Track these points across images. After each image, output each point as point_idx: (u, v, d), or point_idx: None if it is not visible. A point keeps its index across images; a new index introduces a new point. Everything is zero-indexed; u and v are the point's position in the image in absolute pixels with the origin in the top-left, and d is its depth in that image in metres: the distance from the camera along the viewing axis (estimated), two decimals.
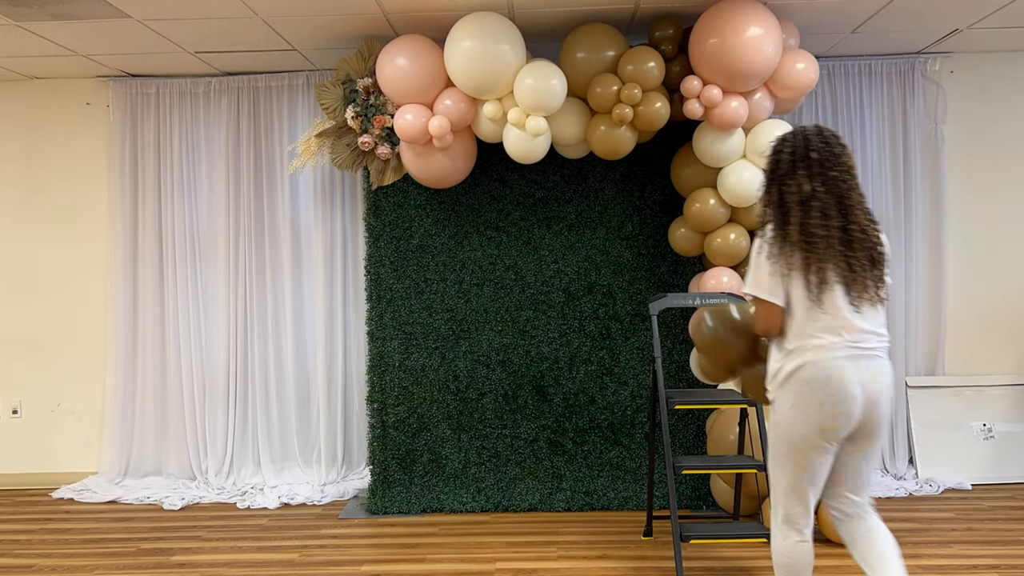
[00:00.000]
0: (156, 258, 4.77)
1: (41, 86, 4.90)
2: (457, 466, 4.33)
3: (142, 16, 3.82)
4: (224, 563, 3.59)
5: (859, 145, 4.64)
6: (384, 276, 4.34)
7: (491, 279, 4.33)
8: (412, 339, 4.34)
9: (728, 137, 3.80)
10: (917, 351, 4.68)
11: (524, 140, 3.78)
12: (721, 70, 3.64)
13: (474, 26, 3.66)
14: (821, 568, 3.36)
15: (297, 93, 4.73)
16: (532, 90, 3.66)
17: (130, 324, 4.78)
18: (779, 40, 3.65)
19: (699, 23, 3.71)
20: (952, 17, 4.06)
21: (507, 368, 4.33)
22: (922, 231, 4.68)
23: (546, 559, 3.54)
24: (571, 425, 4.31)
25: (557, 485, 4.29)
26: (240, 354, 4.73)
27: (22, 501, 4.64)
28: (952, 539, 3.68)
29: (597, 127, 3.81)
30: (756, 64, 3.60)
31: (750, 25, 3.56)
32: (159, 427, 4.79)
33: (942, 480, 4.48)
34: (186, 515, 4.32)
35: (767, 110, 3.85)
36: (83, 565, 3.60)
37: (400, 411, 4.34)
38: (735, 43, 3.56)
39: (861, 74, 4.65)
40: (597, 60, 3.76)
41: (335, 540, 3.88)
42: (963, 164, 4.72)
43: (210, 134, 4.79)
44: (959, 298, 4.70)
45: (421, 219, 4.34)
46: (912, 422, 4.63)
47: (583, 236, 4.32)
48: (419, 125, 3.81)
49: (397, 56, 3.81)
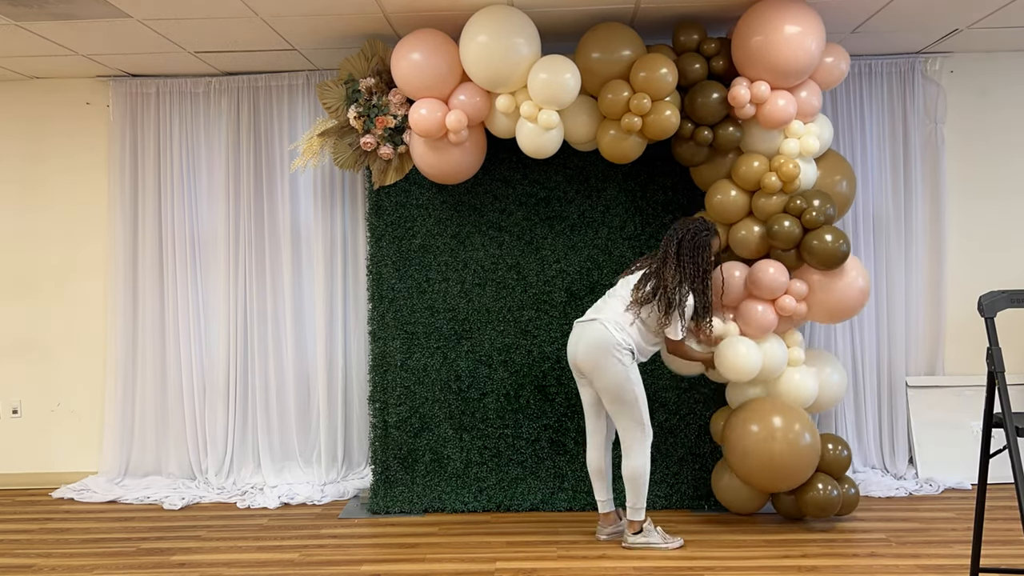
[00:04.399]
0: (156, 258, 4.77)
1: (41, 86, 4.89)
2: (459, 466, 4.33)
3: (142, 16, 3.81)
4: (224, 563, 3.59)
5: (859, 145, 4.65)
6: (386, 276, 4.34)
7: (493, 279, 4.33)
8: (414, 339, 4.34)
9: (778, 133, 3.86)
10: (917, 351, 4.69)
11: (537, 134, 3.80)
12: (766, 67, 3.70)
13: (489, 20, 3.69)
14: (821, 568, 3.37)
15: (297, 93, 4.73)
16: (545, 84, 3.68)
17: (130, 324, 4.78)
18: (822, 35, 3.71)
19: (741, 21, 3.78)
20: (952, 17, 4.07)
21: (509, 368, 4.33)
22: (922, 231, 4.69)
23: (546, 559, 3.54)
24: (573, 425, 4.31)
25: (559, 485, 4.29)
26: (240, 354, 4.72)
27: (22, 501, 4.64)
28: (952, 539, 3.69)
29: (607, 131, 3.83)
30: (800, 60, 3.67)
31: (792, 22, 3.65)
32: (159, 427, 4.79)
33: (942, 480, 4.48)
34: (186, 515, 4.32)
35: (815, 107, 3.89)
36: (83, 565, 3.60)
37: (402, 411, 4.34)
38: (778, 40, 3.64)
39: (861, 74, 4.65)
40: (612, 60, 3.77)
41: (335, 540, 3.88)
42: (963, 164, 4.72)
43: (210, 134, 4.78)
44: (959, 298, 4.70)
45: (423, 219, 4.34)
46: (912, 422, 4.63)
47: (585, 236, 4.32)
48: (435, 120, 3.82)
49: (412, 51, 3.82)
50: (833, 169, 3.98)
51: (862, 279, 3.82)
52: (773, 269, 3.79)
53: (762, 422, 3.75)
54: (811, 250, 3.73)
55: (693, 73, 3.84)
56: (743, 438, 3.78)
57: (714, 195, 3.93)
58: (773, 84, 3.77)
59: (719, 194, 3.91)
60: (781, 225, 3.74)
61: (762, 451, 3.71)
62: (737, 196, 3.89)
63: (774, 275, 3.78)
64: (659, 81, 3.68)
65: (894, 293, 4.64)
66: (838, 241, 3.70)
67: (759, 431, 3.73)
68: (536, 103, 3.77)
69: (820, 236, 3.72)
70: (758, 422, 3.76)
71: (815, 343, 4.62)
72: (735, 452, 3.82)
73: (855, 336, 4.65)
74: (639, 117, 3.72)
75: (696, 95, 3.81)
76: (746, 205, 3.91)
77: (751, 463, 3.76)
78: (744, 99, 3.74)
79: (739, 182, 3.88)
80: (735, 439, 3.82)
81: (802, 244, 3.77)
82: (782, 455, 3.69)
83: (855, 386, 4.65)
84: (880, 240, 4.66)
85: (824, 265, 3.74)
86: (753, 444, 3.73)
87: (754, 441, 3.73)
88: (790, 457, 3.69)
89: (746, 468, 3.79)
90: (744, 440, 3.77)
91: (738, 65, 3.83)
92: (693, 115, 3.84)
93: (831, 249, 3.70)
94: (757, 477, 3.79)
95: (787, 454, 3.69)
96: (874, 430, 4.66)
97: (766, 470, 3.73)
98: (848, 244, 3.73)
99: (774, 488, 3.83)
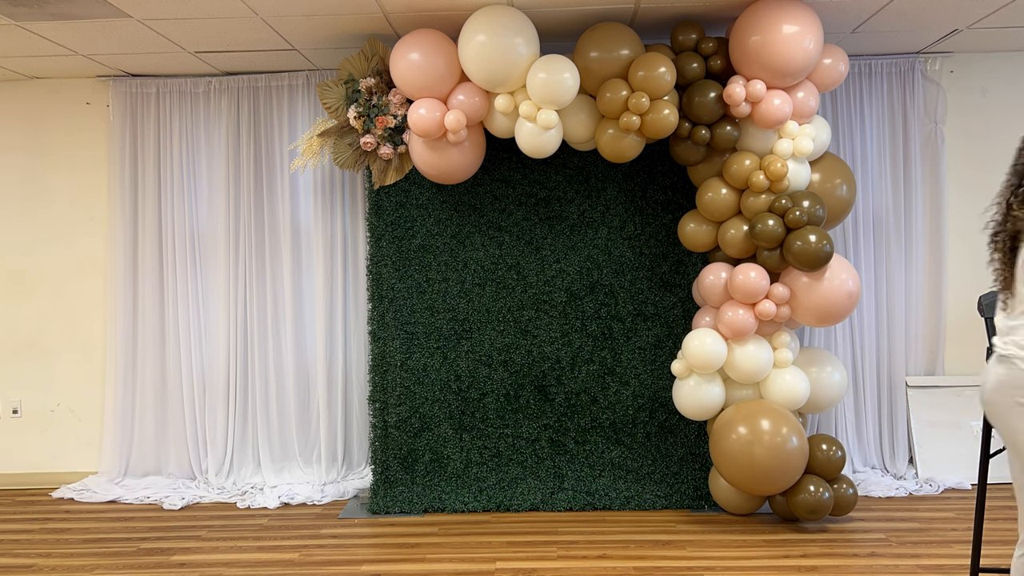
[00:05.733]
0: (156, 258, 4.77)
1: (41, 86, 4.90)
2: (459, 466, 4.33)
3: (142, 16, 3.81)
4: (224, 563, 3.59)
5: (859, 145, 4.64)
6: (386, 276, 4.34)
7: (493, 279, 4.33)
8: (414, 339, 4.34)
9: (773, 133, 3.87)
10: (917, 351, 4.68)
11: (536, 134, 3.80)
12: (764, 67, 3.70)
13: (488, 20, 3.69)
14: (821, 568, 3.36)
15: (297, 93, 4.73)
16: (544, 84, 3.68)
17: (130, 324, 4.78)
18: (820, 35, 3.71)
19: (739, 21, 3.77)
20: (952, 17, 4.07)
21: (509, 368, 4.33)
22: (922, 231, 4.69)
23: (546, 559, 3.54)
24: (573, 425, 4.31)
25: (559, 485, 4.29)
26: (240, 354, 4.73)
27: (22, 501, 4.64)
28: (952, 539, 3.68)
29: (605, 130, 3.83)
30: (797, 59, 3.67)
31: (790, 21, 3.65)
32: (159, 427, 4.79)
33: (942, 480, 4.48)
34: (186, 515, 4.32)
35: (812, 108, 3.89)
36: (83, 565, 3.60)
37: (402, 411, 4.34)
38: (775, 39, 3.64)
39: (861, 74, 4.65)
40: (611, 60, 3.77)
41: (335, 540, 3.88)
42: (963, 164, 4.72)
43: (210, 134, 4.78)
44: (959, 298, 4.70)
45: (423, 219, 4.34)
46: (912, 422, 4.63)
47: (585, 236, 4.32)
48: (434, 119, 3.82)
49: (411, 51, 3.82)
50: (833, 173, 3.98)
51: (852, 282, 3.77)
52: (755, 273, 3.77)
53: (747, 425, 3.70)
54: (793, 250, 3.69)
55: (691, 72, 3.84)
56: (724, 441, 3.75)
57: (705, 193, 3.93)
58: (770, 83, 3.77)
59: (709, 192, 3.91)
60: (765, 224, 3.72)
61: (744, 454, 3.67)
62: (727, 194, 3.89)
63: (755, 279, 3.76)
64: (658, 80, 3.68)
65: (894, 293, 4.64)
66: (821, 242, 3.65)
67: (745, 434, 3.68)
68: (535, 103, 3.77)
69: (803, 236, 3.68)
70: (743, 424, 3.71)
71: (815, 343, 4.62)
72: (719, 455, 3.80)
73: (855, 336, 4.64)
74: (638, 116, 3.72)
75: (694, 94, 3.81)
76: (735, 204, 3.91)
77: (733, 466, 3.73)
78: (739, 97, 3.74)
79: (729, 180, 3.88)
80: (718, 442, 3.80)
81: (784, 244, 3.75)
82: (764, 458, 3.64)
83: (855, 386, 4.65)
84: (880, 240, 4.66)
85: (806, 266, 3.69)
86: (737, 448, 3.70)
87: (737, 445, 3.70)
88: (773, 460, 3.64)
89: (730, 471, 3.76)
90: (726, 443, 3.74)
91: (736, 64, 3.83)
92: (691, 114, 3.84)
93: (813, 250, 3.65)
94: (741, 481, 3.75)
95: (770, 457, 3.64)
96: (874, 430, 4.66)
97: (748, 474, 3.69)
98: (831, 245, 3.68)
99: (760, 491, 3.79)
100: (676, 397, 3.99)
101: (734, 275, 3.80)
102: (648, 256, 4.31)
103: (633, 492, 4.23)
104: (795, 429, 3.70)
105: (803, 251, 3.66)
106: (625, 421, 4.30)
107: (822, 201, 3.79)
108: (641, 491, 4.24)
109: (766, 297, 3.81)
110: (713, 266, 3.96)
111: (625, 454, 4.30)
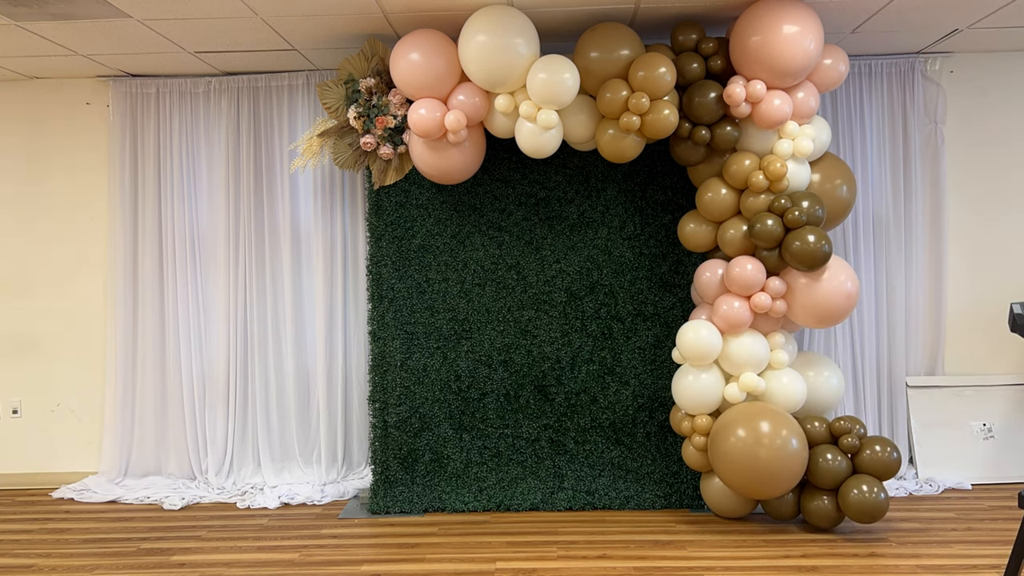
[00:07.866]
0: (156, 258, 4.77)
1: (41, 86, 4.90)
2: (459, 466, 4.33)
3: (142, 16, 3.82)
4: (224, 563, 3.59)
5: (859, 145, 4.64)
6: (386, 276, 4.34)
7: (493, 279, 4.33)
8: (414, 339, 4.34)
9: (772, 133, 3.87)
10: (917, 351, 4.68)
11: (536, 134, 3.80)
12: (764, 67, 3.70)
13: (488, 20, 3.69)
14: (821, 568, 3.37)
15: (297, 93, 4.73)
16: (544, 84, 3.69)
17: (130, 324, 4.78)
18: (820, 35, 3.71)
19: (740, 21, 3.77)
20: (952, 17, 4.07)
21: (509, 368, 4.33)
22: (922, 231, 4.69)
23: (546, 559, 3.54)
24: (573, 425, 4.31)
25: (559, 485, 4.29)
26: (240, 354, 4.73)
27: (22, 501, 4.64)
28: (952, 539, 3.69)
29: (605, 131, 3.83)
30: (797, 60, 3.67)
31: (790, 21, 3.65)
32: (159, 427, 4.79)
33: (942, 480, 4.48)
34: (186, 515, 4.32)
35: (812, 108, 3.88)
36: (83, 565, 3.60)
37: (402, 411, 4.34)
38: (776, 39, 3.64)
39: (861, 74, 4.65)
40: (611, 60, 3.77)
41: (335, 540, 3.88)
42: (963, 164, 4.72)
43: (210, 134, 4.79)
44: (959, 298, 4.71)
45: (423, 219, 4.34)
46: (912, 422, 4.63)
47: (585, 236, 4.33)
48: (434, 120, 3.82)
49: (411, 51, 3.83)
50: (833, 173, 3.98)
51: (850, 283, 3.76)
52: (751, 266, 3.78)
53: (746, 427, 3.68)
54: (791, 250, 3.69)
55: (691, 72, 3.85)
56: (724, 443, 3.73)
57: (704, 193, 3.93)
58: (770, 84, 3.77)
59: (709, 192, 3.92)
60: (764, 224, 3.73)
61: (745, 457, 3.64)
62: (727, 195, 3.89)
63: (752, 271, 3.77)
64: (658, 80, 3.69)
65: (894, 293, 4.64)
66: (820, 242, 3.65)
67: (745, 436, 3.66)
68: (535, 103, 3.77)
69: (801, 236, 3.68)
70: (742, 427, 3.69)
71: (815, 344, 4.62)
72: (717, 458, 3.77)
73: (855, 336, 4.65)
74: (638, 116, 3.72)
75: (694, 94, 3.81)
76: (735, 204, 3.91)
77: (732, 469, 3.70)
78: (739, 97, 3.74)
79: (729, 180, 3.88)
80: (717, 444, 3.78)
81: (783, 244, 3.75)
82: (766, 461, 3.61)
83: (855, 386, 4.65)
84: (880, 240, 4.66)
85: (804, 265, 3.70)
86: (737, 450, 3.67)
87: (737, 447, 3.67)
88: (775, 463, 3.61)
89: (729, 474, 3.73)
90: (725, 446, 3.72)
91: (736, 64, 3.83)
92: (691, 114, 3.84)
93: (811, 249, 3.65)
94: (740, 483, 3.71)
95: (771, 460, 3.61)
96: (874, 430, 4.65)
97: (748, 477, 3.66)
98: (830, 245, 3.68)
99: (759, 495, 3.75)
100: (675, 389, 3.99)
101: (731, 267, 3.82)
102: (648, 256, 4.31)
103: (633, 492, 4.24)
104: (795, 432, 3.70)
105: (801, 251, 3.67)
106: (625, 421, 4.30)
107: (821, 201, 3.80)
108: (641, 491, 4.24)
109: (762, 290, 3.82)
110: (710, 262, 3.96)
111: (625, 454, 4.31)
